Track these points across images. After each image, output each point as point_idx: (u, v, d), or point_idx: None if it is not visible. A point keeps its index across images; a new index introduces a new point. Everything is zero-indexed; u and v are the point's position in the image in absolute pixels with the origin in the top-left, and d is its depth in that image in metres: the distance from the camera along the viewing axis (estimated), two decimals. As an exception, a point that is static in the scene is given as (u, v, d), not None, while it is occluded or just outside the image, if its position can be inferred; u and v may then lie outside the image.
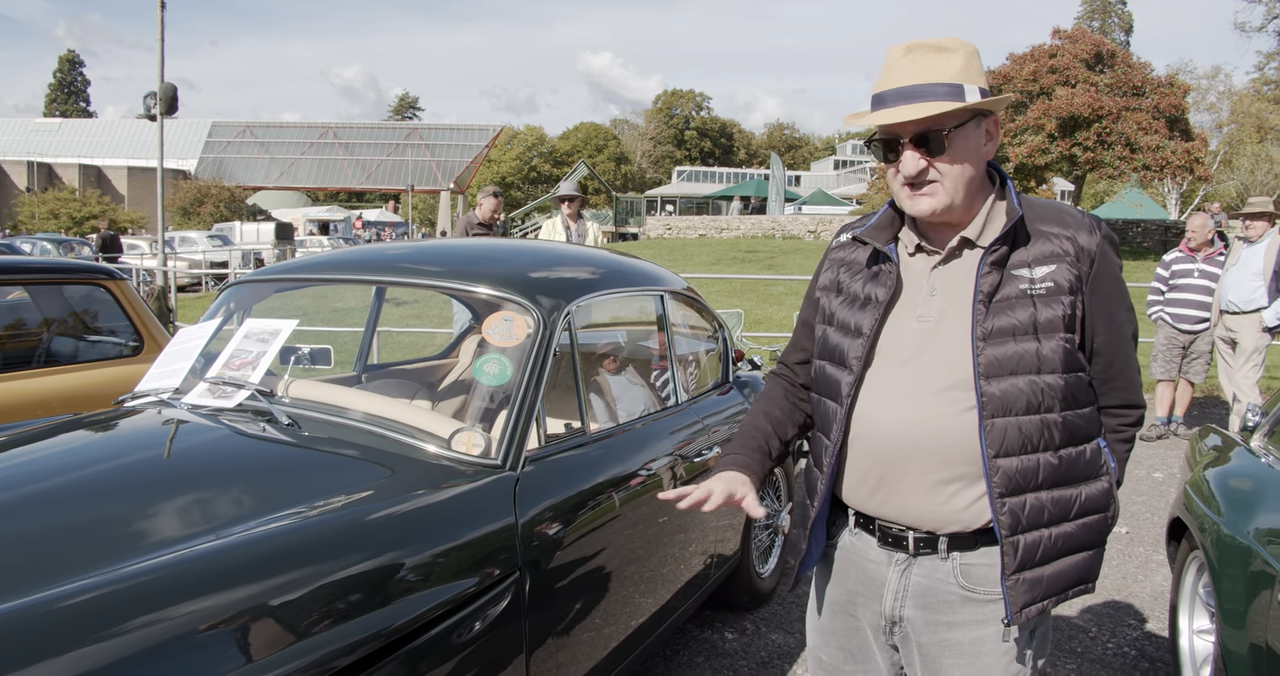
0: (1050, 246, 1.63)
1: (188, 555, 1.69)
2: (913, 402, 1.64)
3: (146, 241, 25.90)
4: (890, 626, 1.76)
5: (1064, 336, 1.61)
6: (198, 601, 1.56)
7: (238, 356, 2.75)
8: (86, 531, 1.88)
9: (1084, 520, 1.67)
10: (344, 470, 2.28)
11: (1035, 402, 1.60)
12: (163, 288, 15.02)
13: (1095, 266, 1.64)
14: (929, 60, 1.60)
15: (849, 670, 1.87)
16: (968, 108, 1.59)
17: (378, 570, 1.83)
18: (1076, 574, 1.69)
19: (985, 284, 1.61)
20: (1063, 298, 1.61)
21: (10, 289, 4.84)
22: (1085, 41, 24.85)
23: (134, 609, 1.51)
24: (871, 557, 1.76)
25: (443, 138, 62.02)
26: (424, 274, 2.95)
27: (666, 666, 3.51)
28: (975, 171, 1.64)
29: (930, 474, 1.64)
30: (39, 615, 1.45)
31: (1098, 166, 23.82)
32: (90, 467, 2.28)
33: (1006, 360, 1.59)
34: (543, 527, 2.27)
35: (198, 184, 48.74)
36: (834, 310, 1.80)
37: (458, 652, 1.95)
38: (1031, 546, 1.62)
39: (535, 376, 2.45)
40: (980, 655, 1.69)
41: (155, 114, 14.69)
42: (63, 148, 59.39)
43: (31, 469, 2.28)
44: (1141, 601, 4.25)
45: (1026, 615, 1.63)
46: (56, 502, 2.03)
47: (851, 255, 1.82)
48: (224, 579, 1.64)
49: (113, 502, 2.04)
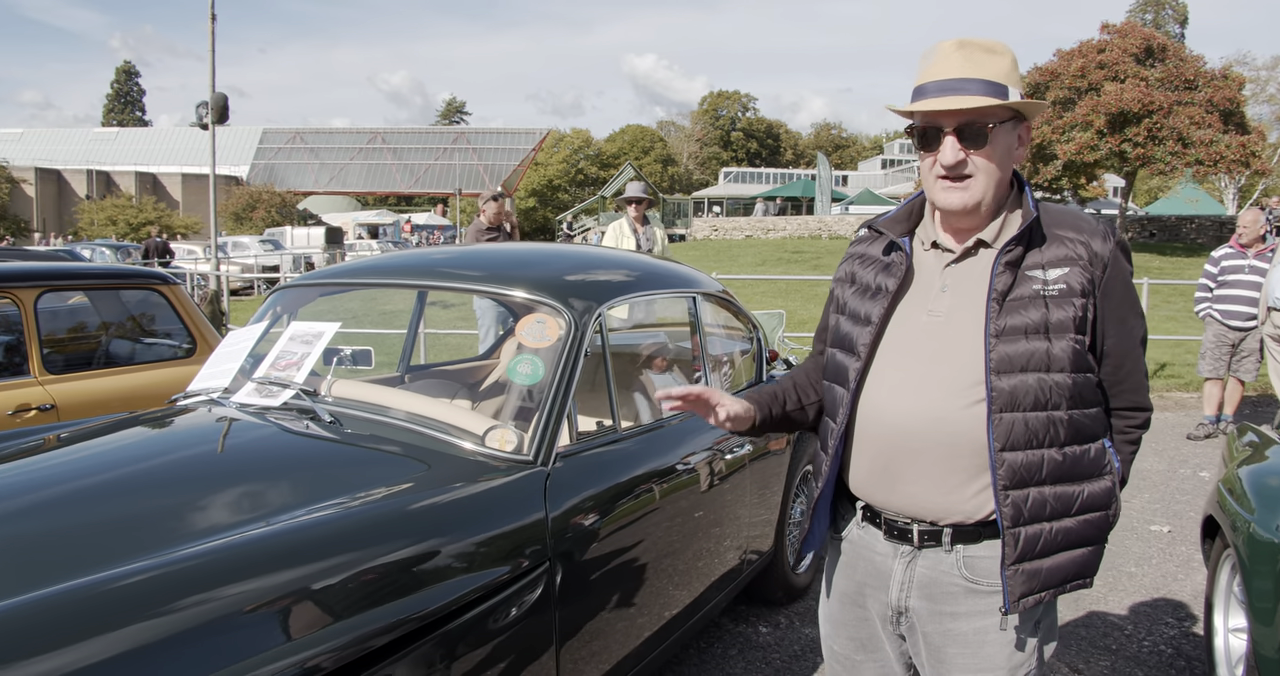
0: (1064, 250, 1.68)
1: (237, 540, 1.80)
2: (920, 394, 1.70)
3: (200, 246, 26.49)
4: (897, 617, 1.81)
5: (1074, 337, 1.65)
6: (246, 583, 1.67)
7: (283, 357, 2.87)
8: (143, 519, 2.00)
9: (1085, 516, 1.71)
10: (383, 464, 2.39)
11: (1043, 399, 1.64)
12: (216, 291, 15.40)
13: (1108, 271, 1.68)
14: (979, 57, 1.66)
15: (860, 659, 1.92)
16: (1012, 106, 1.65)
17: (414, 557, 1.93)
18: (1075, 568, 1.73)
19: (999, 283, 1.66)
20: (1074, 300, 1.65)
21: (71, 294, 5.05)
22: (1134, 36, 24.41)
23: (186, 589, 1.61)
24: (878, 550, 1.82)
25: (489, 141, 62.60)
26: (462, 278, 3.06)
27: (700, 658, 3.58)
28: (1005, 173, 1.70)
29: (935, 464, 1.70)
30: (98, 593, 1.57)
31: (1148, 162, 23.39)
32: (146, 461, 2.43)
33: (1017, 357, 1.64)
34: (572, 521, 2.35)
35: (249, 190, 49.74)
36: (846, 299, 1.87)
37: (489, 638, 2.04)
38: (1032, 539, 1.66)
39: (566, 376, 2.54)
40: (984, 644, 1.74)
41: (207, 123, 15.08)
42: (120, 156, 60.98)
43: (92, 462, 2.43)
44: (1181, 600, 4.23)
45: (1024, 605, 1.68)
46: (115, 493, 2.17)
47: (868, 248, 1.88)
48: (271, 562, 1.75)
49: (166, 493, 2.17)
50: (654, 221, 7.63)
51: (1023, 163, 13.32)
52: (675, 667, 3.50)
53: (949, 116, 1.64)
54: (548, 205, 73.43)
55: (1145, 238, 27.92)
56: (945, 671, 1.78)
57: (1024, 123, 1.71)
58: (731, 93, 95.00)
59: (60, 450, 2.58)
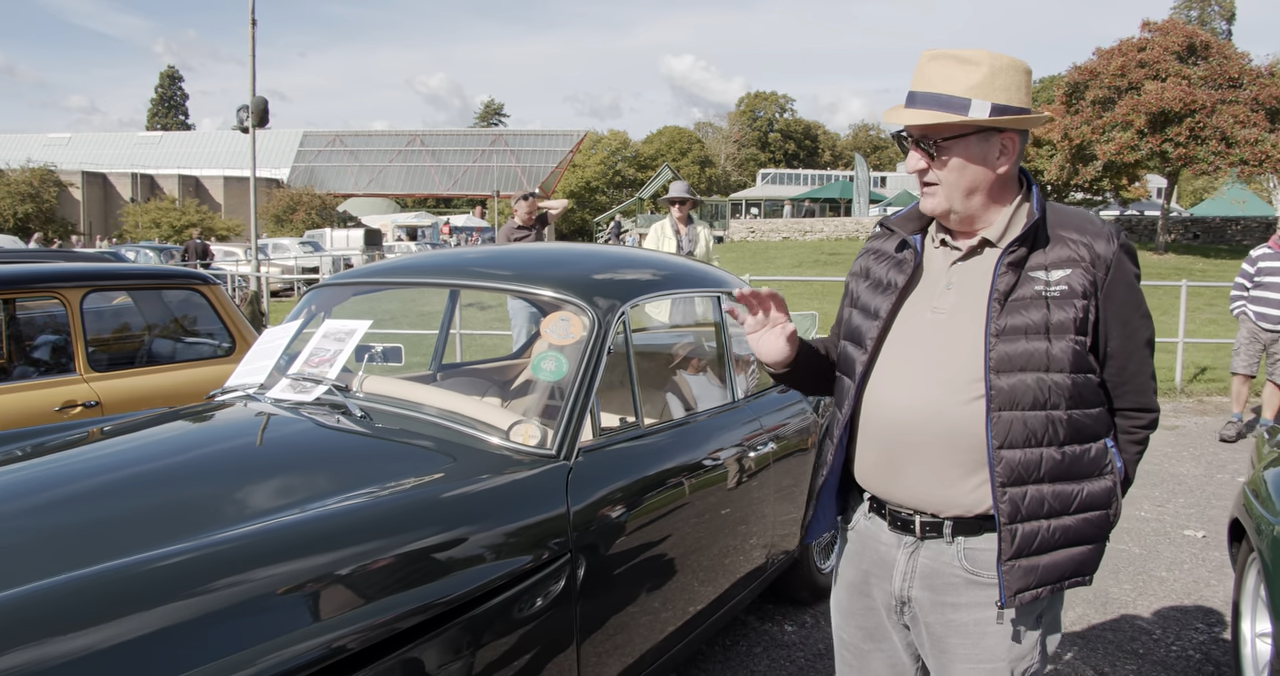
0: (1067, 251, 1.70)
1: (270, 526, 1.89)
2: (921, 389, 1.73)
3: (241, 248, 26.92)
4: (900, 606, 1.85)
5: (1074, 338, 1.67)
6: (279, 565, 1.75)
7: (317, 354, 2.96)
8: (181, 506, 2.10)
9: (1084, 515, 1.73)
10: (411, 457, 2.46)
11: (1042, 399, 1.66)
12: (256, 293, 15.65)
13: (1110, 273, 1.70)
14: (948, 70, 1.68)
15: (867, 648, 1.96)
16: (960, 123, 1.66)
17: (438, 545, 2.00)
18: (1073, 566, 1.74)
19: (1001, 283, 1.69)
20: (1076, 301, 1.67)
21: (115, 294, 5.19)
22: (1176, 33, 24.05)
23: (222, 570, 1.69)
24: (883, 540, 1.85)
25: (527, 144, 62.97)
26: (490, 277, 3.13)
27: (725, 656, 3.61)
28: (976, 182, 1.72)
29: (935, 458, 1.73)
30: (139, 573, 1.65)
31: (1191, 162, 23.04)
32: (184, 453, 2.52)
33: (1016, 357, 1.66)
34: (594, 513, 2.40)
35: (290, 192, 50.38)
36: (860, 293, 1.91)
37: (511, 626, 2.10)
38: (1029, 535, 1.69)
39: (590, 373, 2.59)
40: (984, 635, 1.76)
41: (248, 126, 15.37)
42: (164, 159, 62.14)
43: (134, 453, 2.53)
44: (1213, 606, 4.19)
45: (1020, 600, 1.70)
46: (155, 482, 2.26)
47: (882, 244, 1.92)
48: (302, 547, 1.82)
49: (203, 483, 2.26)
50: (698, 222, 7.50)
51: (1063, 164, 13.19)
52: (701, 664, 3.54)
53: (911, 128, 1.70)
54: (585, 207, 73.68)
55: (1189, 239, 27.49)
56: (947, 662, 1.81)
57: (1004, 133, 1.70)
58: (769, 94, 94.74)
59: (104, 442, 2.68)
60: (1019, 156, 1.75)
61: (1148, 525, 5.32)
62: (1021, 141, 1.74)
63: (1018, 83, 1.70)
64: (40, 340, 5.13)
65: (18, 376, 4.77)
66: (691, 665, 3.51)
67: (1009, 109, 1.68)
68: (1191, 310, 14.11)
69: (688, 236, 7.31)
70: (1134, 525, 5.30)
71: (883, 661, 1.95)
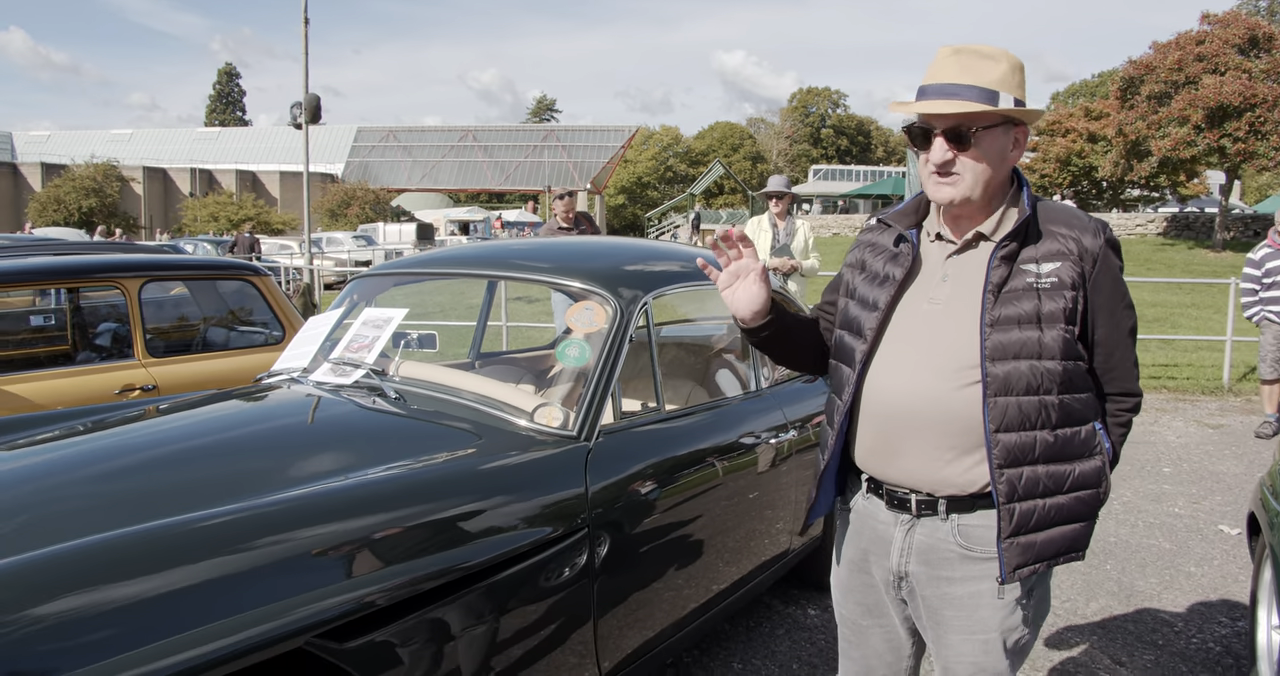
0: (1057, 245, 1.80)
1: (307, 493, 2.06)
2: (919, 376, 1.83)
3: (296, 242, 27.50)
4: (898, 581, 1.95)
5: (1064, 327, 1.77)
6: (315, 528, 1.92)
7: (356, 340, 3.13)
8: (226, 475, 2.29)
9: (1077, 494, 1.82)
10: (441, 435, 2.62)
11: (1035, 385, 1.76)
12: (309, 285, 16.04)
13: (1097, 266, 1.79)
14: (973, 63, 1.78)
15: (866, 624, 2.06)
16: (998, 112, 1.76)
17: (462, 515, 2.16)
18: (1067, 542, 1.84)
19: (995, 276, 1.79)
20: (1065, 292, 1.77)
21: (172, 284, 5.44)
22: (1237, 25, 23.50)
23: (263, 531, 1.86)
24: (880, 519, 1.95)
25: (579, 139, 63.15)
26: (524, 268, 3.28)
27: (748, 637, 3.73)
28: (996, 173, 1.81)
29: (931, 441, 1.83)
30: (189, 530, 1.82)
31: (1250, 158, 22.52)
32: (232, 430, 2.72)
33: (1010, 345, 1.76)
34: (611, 491, 2.54)
35: (344, 187, 51.19)
36: (856, 285, 2.00)
37: (530, 593, 2.25)
38: (1026, 514, 1.78)
39: (611, 359, 2.73)
40: (978, 608, 1.86)
41: (301, 123, 15.75)
42: (221, 155, 63.44)
43: (186, 429, 2.73)
44: (1239, 601, 4.20)
45: (1019, 575, 1.80)
46: (203, 455, 2.46)
47: (878, 238, 2.02)
48: (338, 512, 1.99)
49: (248, 456, 2.46)
50: (797, 216, 7.28)
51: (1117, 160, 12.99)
52: (723, 643, 3.66)
53: (939, 119, 1.77)
54: (637, 202, 73.83)
55: (1248, 237, 26.81)
56: (943, 633, 1.91)
57: (1019, 127, 1.81)
58: (821, 89, 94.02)
59: (158, 419, 2.88)
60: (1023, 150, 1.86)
61: (1180, 521, 5.32)
62: (1026, 137, 1.85)
63: (1023, 80, 1.81)
64: (101, 327, 5.40)
65: (80, 361, 5.04)
66: (714, 644, 3.64)
67: (1022, 104, 1.79)
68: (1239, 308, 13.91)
69: (785, 230, 7.25)
70: (1166, 521, 5.31)
71: (881, 636, 2.06)
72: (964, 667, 1.90)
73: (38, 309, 6.26)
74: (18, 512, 2.08)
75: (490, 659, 2.16)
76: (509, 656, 2.21)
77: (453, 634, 2.05)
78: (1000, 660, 1.88)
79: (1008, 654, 1.88)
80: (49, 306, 6.19)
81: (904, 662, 2.07)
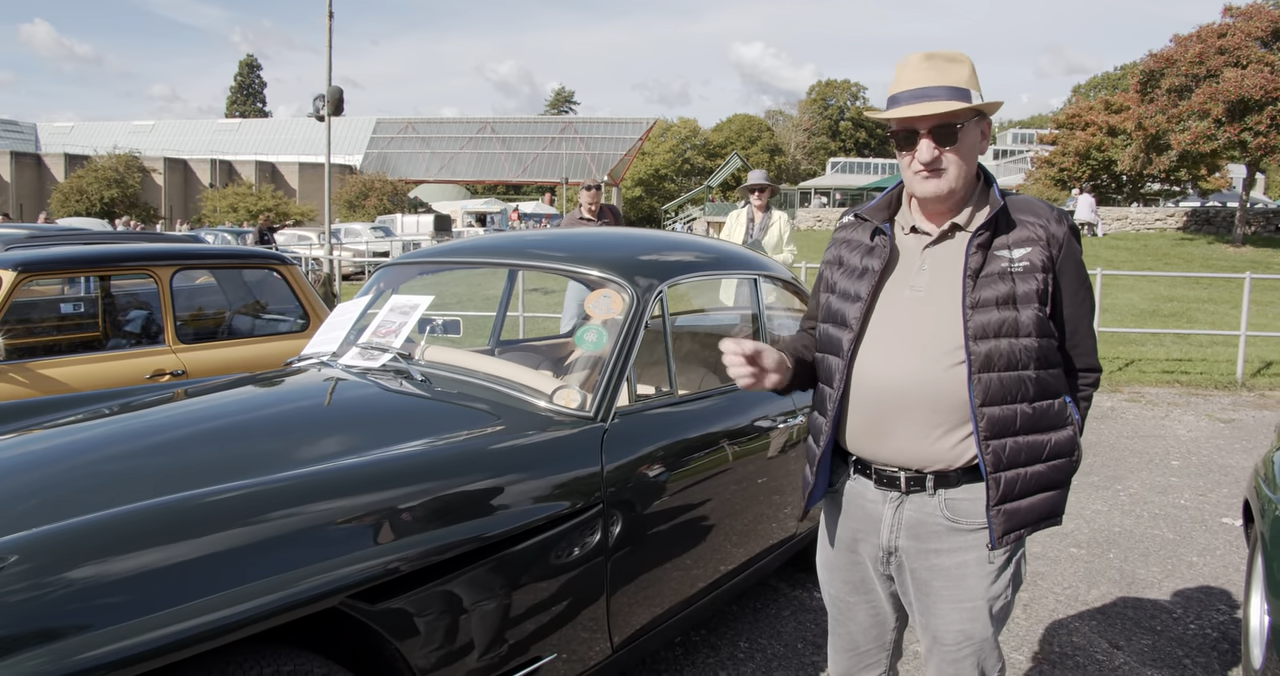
0: (1027, 232, 1.94)
1: (334, 466, 2.21)
2: (906, 359, 1.95)
3: (315, 233, 27.73)
4: (887, 557, 2.07)
5: (1037, 307, 1.91)
6: (340, 499, 2.05)
7: (384, 326, 3.26)
8: (257, 451, 2.44)
9: (1053, 462, 1.97)
10: (464, 415, 2.76)
11: (1014, 361, 1.89)
12: (329, 275, 16.24)
13: (1063, 250, 1.95)
14: (944, 67, 1.92)
15: (853, 600, 2.19)
16: (973, 107, 1.91)
17: (482, 489, 2.30)
18: (1047, 508, 1.98)
19: (973, 262, 1.92)
20: (1037, 275, 1.91)
21: (198, 272, 5.60)
22: (1260, 18, 23.27)
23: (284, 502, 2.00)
24: (869, 498, 2.08)
25: (597, 131, 63.21)
26: (545, 257, 3.40)
27: (755, 617, 3.85)
28: (972, 164, 1.96)
29: (920, 419, 1.95)
30: (222, 500, 1.96)
31: (1272, 152, 22.37)
32: (264, 409, 2.87)
33: (991, 325, 1.89)
34: (625, 470, 2.67)
35: (363, 178, 51.47)
36: (835, 280, 2.13)
37: (546, 566, 2.39)
38: (1011, 482, 1.92)
39: (627, 344, 2.85)
40: (965, 577, 1.99)
41: (324, 115, 15.92)
42: (241, 146, 63.93)
43: (217, 409, 2.88)
44: (1238, 589, 4.29)
45: (1007, 541, 1.94)
46: (235, 433, 2.61)
47: (852, 234, 2.15)
48: (363, 484, 2.13)
49: (279, 433, 2.61)
50: (775, 210, 7.46)
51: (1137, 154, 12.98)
52: (730, 623, 3.78)
53: (923, 120, 1.90)
54: (654, 195, 73.80)
55: (1270, 232, 26.64)
56: (932, 603, 2.04)
57: (985, 120, 1.97)
58: (840, 82, 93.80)
59: (188, 400, 3.02)
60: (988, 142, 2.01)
61: (1185, 512, 5.40)
62: (990, 129, 2.00)
63: (977, 77, 1.96)
64: (133, 314, 5.57)
65: (111, 347, 5.21)
66: (721, 624, 3.76)
67: (982, 98, 1.94)
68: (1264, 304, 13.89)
69: (760, 225, 7.33)
70: (1171, 512, 5.39)
71: (866, 611, 2.19)
72: (952, 635, 2.02)
73: (67, 296, 6.45)
74: (53, 488, 2.21)
75: (507, 629, 2.29)
76: (524, 627, 2.35)
77: (472, 601, 2.19)
78: (986, 626, 2.00)
79: (992, 620, 2.01)
80: (79, 294, 6.38)
81: (888, 636, 2.21)
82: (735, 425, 3.24)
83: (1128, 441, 7.15)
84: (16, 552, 1.67)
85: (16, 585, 1.60)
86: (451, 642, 2.14)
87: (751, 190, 7.38)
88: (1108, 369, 9.68)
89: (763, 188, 7.33)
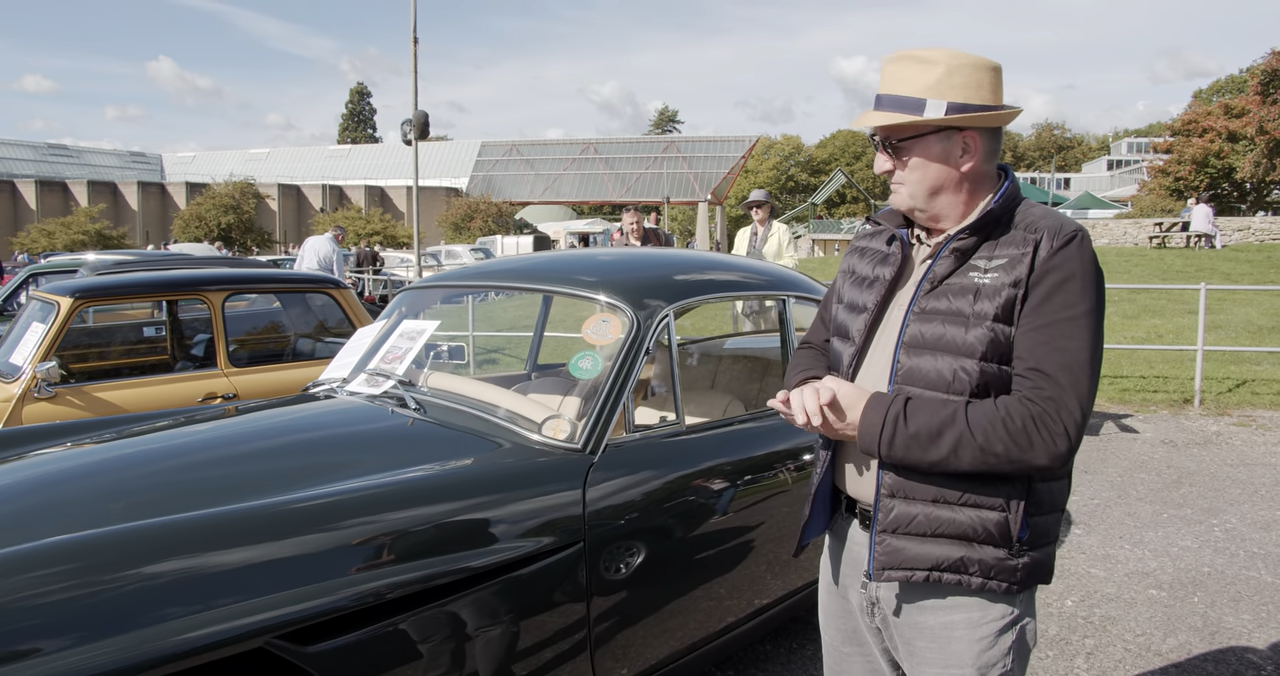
0: (1014, 247, 1.67)
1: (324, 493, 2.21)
2: (882, 380, 1.75)
3: (414, 255, 28.45)
4: (870, 607, 1.83)
5: (990, 326, 1.63)
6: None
7: (391, 351, 3.20)
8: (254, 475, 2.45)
9: (971, 510, 1.67)
10: (455, 443, 2.67)
11: (943, 382, 1.65)
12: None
13: (1047, 263, 1.63)
14: (905, 71, 1.71)
15: (847, 652, 1.96)
16: (915, 123, 1.68)
17: (455, 521, 2.23)
18: (952, 560, 1.68)
19: (940, 267, 1.70)
20: (1004, 291, 1.63)
21: (255, 296, 5.71)
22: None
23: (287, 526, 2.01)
24: (856, 539, 1.85)
25: (699, 150, 63.28)
26: (545, 279, 3.26)
27: (788, 658, 3.62)
28: (940, 180, 1.72)
29: None
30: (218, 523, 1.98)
31: None
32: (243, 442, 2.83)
33: (928, 337, 1.67)
34: (610, 506, 2.50)
35: (468, 200, 52.71)
36: (844, 290, 1.92)
37: (514, 605, 2.26)
38: (904, 516, 1.69)
39: (625, 372, 2.69)
40: (951, 641, 1.73)
41: (410, 139, 16.31)
42: (352, 171, 66.32)
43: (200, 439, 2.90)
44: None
45: (886, 577, 1.70)
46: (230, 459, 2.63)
47: (869, 243, 1.93)
48: (316, 519, 2.09)
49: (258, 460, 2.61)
50: (776, 224, 8.14)
51: (1258, 160, 12.37)
52: (760, 663, 3.57)
53: (878, 129, 1.73)
54: (759, 213, 73.27)
55: None
56: (917, 665, 1.79)
57: (965, 132, 1.70)
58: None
59: (182, 428, 3.02)
60: (987, 154, 1.74)
61: (1289, 551, 4.92)
62: (987, 139, 1.73)
63: (979, 80, 1.70)
64: (196, 338, 5.71)
65: (178, 370, 5.33)
66: (751, 665, 3.55)
67: (967, 107, 1.68)
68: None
69: (760, 237, 8.03)
70: (1273, 552, 4.91)
71: (862, 665, 1.95)
72: None
73: (149, 321, 6.68)
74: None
75: (479, 665, 2.17)
76: (496, 664, 2.21)
77: (430, 645, 2.07)
78: None
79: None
80: (158, 318, 6.60)
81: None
82: (742, 460, 2.98)
83: (1230, 470, 6.61)
84: None
85: None
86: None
87: (750, 207, 8.12)
88: (1214, 390, 9.02)
89: (760, 204, 8.06)
